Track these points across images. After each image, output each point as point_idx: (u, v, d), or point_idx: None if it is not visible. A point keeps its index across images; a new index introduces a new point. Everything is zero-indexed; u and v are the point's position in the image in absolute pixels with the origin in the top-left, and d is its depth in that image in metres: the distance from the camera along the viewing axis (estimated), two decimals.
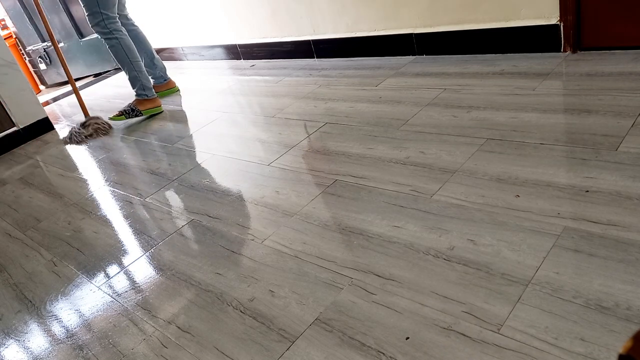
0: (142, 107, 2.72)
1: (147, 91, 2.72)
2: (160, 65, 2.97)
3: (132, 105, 2.72)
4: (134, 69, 2.66)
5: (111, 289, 1.39)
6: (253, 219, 1.50)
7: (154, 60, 2.92)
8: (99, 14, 2.48)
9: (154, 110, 2.75)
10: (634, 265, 0.95)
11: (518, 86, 1.79)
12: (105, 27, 2.53)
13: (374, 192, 1.44)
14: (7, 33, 4.71)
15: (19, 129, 2.98)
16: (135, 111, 2.71)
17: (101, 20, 2.50)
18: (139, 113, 2.72)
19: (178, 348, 1.11)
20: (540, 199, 1.20)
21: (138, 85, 2.69)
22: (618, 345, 0.83)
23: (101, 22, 2.51)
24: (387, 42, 2.47)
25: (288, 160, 1.78)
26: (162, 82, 3.01)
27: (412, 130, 1.72)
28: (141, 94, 2.71)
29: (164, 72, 3.00)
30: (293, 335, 1.04)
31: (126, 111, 2.70)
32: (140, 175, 2.04)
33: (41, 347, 1.26)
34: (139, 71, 2.68)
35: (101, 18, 2.49)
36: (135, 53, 2.66)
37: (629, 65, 1.69)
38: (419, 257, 1.14)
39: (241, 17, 3.14)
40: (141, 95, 2.71)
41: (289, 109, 2.25)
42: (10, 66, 2.91)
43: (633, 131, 1.35)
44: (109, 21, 2.52)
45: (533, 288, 0.97)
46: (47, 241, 1.75)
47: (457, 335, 0.93)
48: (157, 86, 3.00)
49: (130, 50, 2.63)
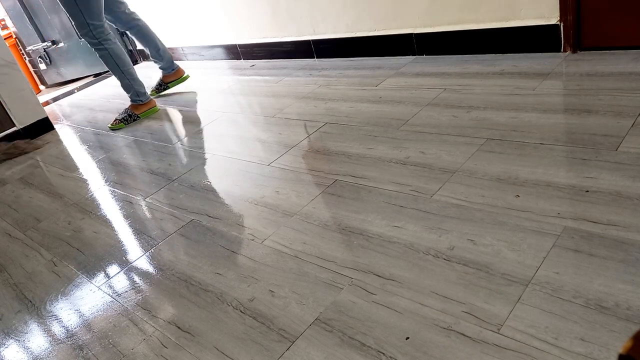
0: (138, 111, 2.74)
1: (141, 96, 2.73)
2: (167, 56, 2.93)
3: (129, 111, 2.73)
4: (125, 77, 2.66)
5: (111, 289, 1.39)
6: (253, 219, 1.50)
7: (160, 51, 2.89)
8: (85, 25, 2.46)
9: (150, 112, 2.77)
10: (634, 265, 0.95)
11: (518, 86, 1.79)
12: (94, 37, 2.50)
13: (374, 192, 1.44)
14: (7, 33, 4.71)
15: (19, 129, 2.98)
16: (132, 116, 2.73)
17: (89, 30, 2.47)
18: (136, 117, 2.73)
19: (178, 348, 1.11)
20: (540, 199, 1.20)
21: (132, 92, 2.71)
22: (618, 345, 0.83)
23: (89, 33, 2.48)
24: (387, 42, 2.47)
25: (288, 160, 1.78)
26: (171, 72, 2.99)
27: (412, 130, 1.72)
28: (135, 99, 2.73)
29: (171, 62, 2.97)
30: (293, 335, 1.04)
31: (124, 119, 2.71)
32: (140, 175, 2.04)
33: (41, 347, 1.26)
34: (130, 79, 2.68)
35: (88, 28, 2.47)
36: (125, 61, 2.64)
37: (629, 65, 1.69)
38: (419, 257, 1.14)
39: (241, 17, 3.14)
40: (135, 101, 2.73)
41: (289, 109, 2.25)
42: (10, 66, 2.91)
43: (633, 131, 1.35)
44: (96, 31, 2.49)
45: (533, 288, 0.97)
46: (47, 241, 1.75)
47: (457, 335, 0.93)
48: (166, 76, 3.00)
49: (120, 58, 2.61)
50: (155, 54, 2.89)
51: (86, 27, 2.46)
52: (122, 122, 2.70)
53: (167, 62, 2.95)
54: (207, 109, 2.59)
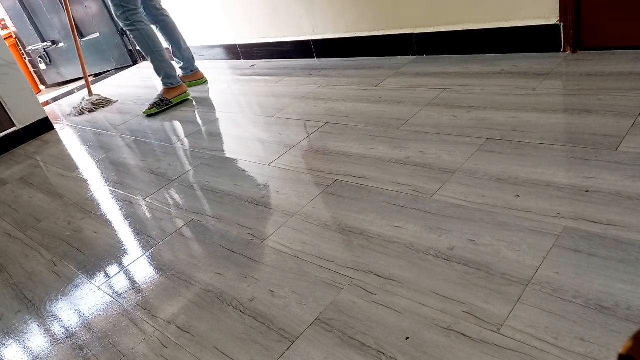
0: (169, 95, 2.80)
1: (172, 79, 2.80)
2: (188, 56, 3.02)
3: (161, 95, 2.80)
4: (156, 58, 2.75)
5: (111, 289, 1.39)
6: (253, 219, 1.50)
7: (182, 50, 2.98)
8: (120, 7, 2.61)
9: (182, 97, 2.84)
10: (634, 265, 0.95)
11: (518, 86, 1.79)
12: (127, 19, 2.64)
13: (374, 192, 1.44)
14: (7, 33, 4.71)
15: (19, 129, 2.98)
16: (165, 101, 2.78)
17: (123, 12, 2.62)
18: (168, 102, 2.79)
19: (178, 348, 1.11)
20: (540, 199, 1.20)
21: (163, 74, 2.78)
22: (618, 345, 0.83)
23: (123, 14, 2.63)
24: (387, 42, 2.47)
25: (288, 160, 1.78)
26: (189, 73, 3.06)
27: (412, 130, 1.72)
28: (166, 82, 2.80)
29: (192, 62, 3.05)
30: (293, 335, 1.04)
31: (157, 103, 2.77)
32: (140, 175, 2.04)
33: (41, 347, 1.26)
34: (161, 60, 2.76)
35: (123, 10, 2.62)
36: (157, 43, 2.74)
37: (629, 65, 1.69)
38: (419, 257, 1.14)
39: (241, 17, 3.14)
40: (167, 83, 2.80)
41: (289, 109, 2.25)
42: (10, 66, 2.91)
43: (633, 131, 1.35)
44: (130, 13, 2.63)
45: (533, 288, 0.97)
46: (47, 241, 1.75)
47: (457, 335, 0.93)
48: (184, 77, 3.05)
49: (152, 40, 2.72)
50: (177, 52, 2.98)
51: (121, 8, 2.61)
52: (155, 107, 2.76)
53: (187, 63, 3.03)
54: (207, 109, 2.59)
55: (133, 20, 2.64)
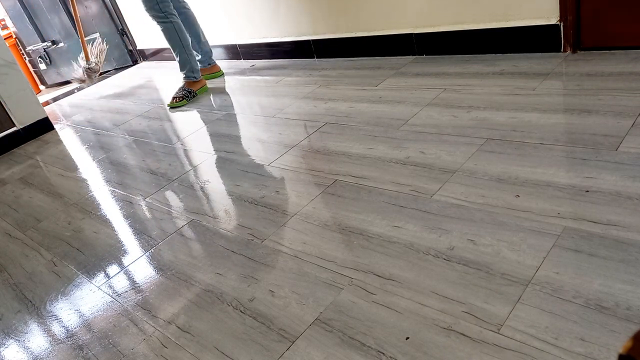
0: (195, 87, 2.85)
1: (196, 73, 2.84)
2: (206, 49, 3.04)
3: (185, 87, 2.82)
4: (185, 51, 2.77)
5: (111, 289, 1.39)
6: (253, 219, 1.50)
7: (201, 44, 3.00)
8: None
9: (202, 90, 2.89)
10: (634, 265, 0.95)
11: (518, 86, 1.79)
12: (160, 11, 2.65)
13: (374, 192, 1.44)
14: (7, 33, 4.71)
15: (19, 129, 2.98)
16: (192, 93, 2.82)
17: (155, 4, 2.63)
18: (194, 94, 2.83)
19: (178, 348, 1.11)
20: (540, 199, 1.20)
21: (188, 67, 2.81)
22: (618, 345, 0.83)
23: (155, 6, 2.64)
24: (387, 42, 2.47)
25: (288, 160, 1.78)
26: (207, 66, 3.08)
27: (412, 130, 1.72)
28: (190, 75, 2.83)
29: (210, 56, 3.08)
30: (293, 335, 1.04)
31: (185, 95, 2.79)
32: (140, 175, 2.04)
33: (41, 347, 1.26)
34: (189, 54, 2.79)
35: (155, 2, 2.62)
36: (186, 36, 2.77)
37: (629, 65, 1.69)
38: (419, 257, 1.14)
39: (241, 17, 3.14)
40: (190, 77, 2.83)
41: (289, 109, 2.25)
42: (10, 66, 2.91)
43: (633, 131, 1.35)
44: (162, 4, 2.65)
45: (533, 288, 0.97)
46: (47, 241, 1.75)
47: (457, 335, 0.93)
48: (201, 69, 3.07)
49: (183, 33, 2.74)
50: (196, 45, 3.00)
51: (153, 0, 2.62)
52: (184, 99, 2.77)
53: (205, 56, 3.05)
54: (207, 109, 2.59)
55: (166, 12, 2.65)
